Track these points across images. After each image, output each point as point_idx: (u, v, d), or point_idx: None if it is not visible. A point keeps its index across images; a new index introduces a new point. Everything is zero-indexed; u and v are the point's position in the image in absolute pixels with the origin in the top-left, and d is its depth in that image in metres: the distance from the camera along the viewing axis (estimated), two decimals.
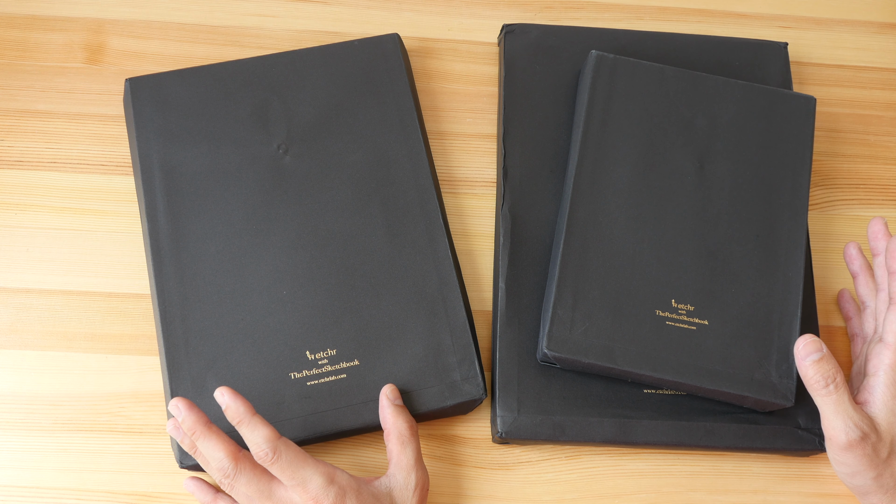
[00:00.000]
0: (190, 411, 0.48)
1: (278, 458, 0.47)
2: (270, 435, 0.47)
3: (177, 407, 0.48)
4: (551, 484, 0.56)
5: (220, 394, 0.48)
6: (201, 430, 0.48)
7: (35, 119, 0.63)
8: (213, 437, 0.48)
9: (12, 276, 0.59)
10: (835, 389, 0.49)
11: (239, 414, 0.47)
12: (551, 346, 0.53)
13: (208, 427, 0.48)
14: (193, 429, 0.48)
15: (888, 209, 0.65)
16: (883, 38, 0.71)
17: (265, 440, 0.47)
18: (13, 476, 0.54)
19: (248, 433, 0.47)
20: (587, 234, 0.56)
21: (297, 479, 0.47)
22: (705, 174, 0.59)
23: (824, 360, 0.50)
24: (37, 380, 0.56)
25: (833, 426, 0.49)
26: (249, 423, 0.47)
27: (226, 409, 0.48)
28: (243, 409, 0.47)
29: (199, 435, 0.48)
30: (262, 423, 0.47)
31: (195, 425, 0.48)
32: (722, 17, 0.70)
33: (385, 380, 0.54)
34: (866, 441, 0.49)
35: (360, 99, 0.61)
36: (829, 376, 0.49)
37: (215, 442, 0.48)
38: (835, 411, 0.49)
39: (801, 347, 0.51)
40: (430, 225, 0.58)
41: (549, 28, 0.65)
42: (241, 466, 0.48)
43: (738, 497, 0.57)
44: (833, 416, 0.49)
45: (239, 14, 0.67)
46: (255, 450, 0.47)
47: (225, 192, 0.58)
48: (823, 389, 0.50)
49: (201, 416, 0.48)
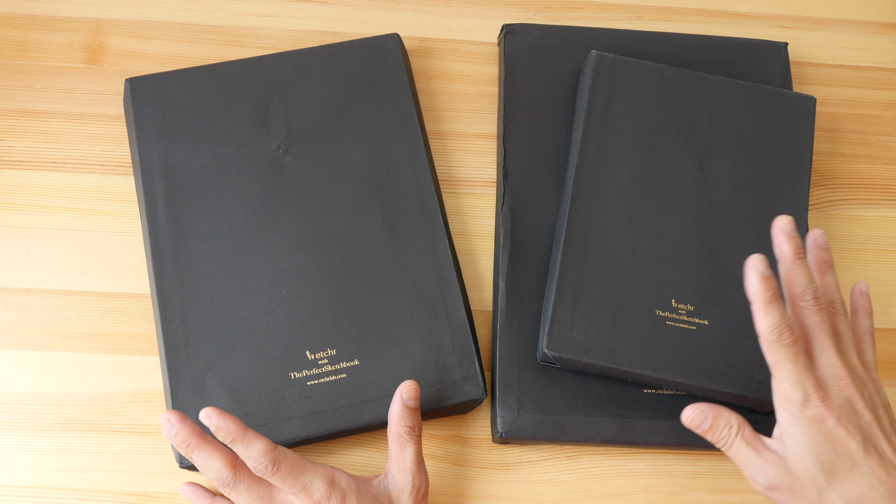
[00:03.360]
0: (182, 424, 0.48)
1: (278, 469, 0.47)
2: (266, 447, 0.47)
3: (169, 421, 0.48)
4: (551, 484, 0.56)
5: (206, 416, 0.47)
6: (196, 443, 0.48)
7: (35, 119, 0.63)
8: (209, 448, 0.48)
9: (12, 276, 0.59)
10: (731, 445, 0.48)
11: (231, 433, 0.47)
12: (551, 346, 0.53)
13: (203, 438, 0.48)
14: (188, 441, 0.47)
15: (888, 209, 0.65)
16: (883, 38, 0.71)
17: (262, 454, 0.47)
18: (13, 476, 0.54)
19: (243, 450, 0.47)
20: (587, 234, 0.56)
21: (299, 487, 0.47)
22: (705, 174, 0.59)
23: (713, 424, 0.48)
24: (37, 380, 0.56)
25: (747, 476, 0.48)
26: (243, 440, 0.47)
27: (216, 430, 0.47)
28: (234, 427, 0.47)
29: (195, 447, 0.48)
30: (256, 437, 0.47)
31: (189, 438, 0.48)
32: (722, 17, 0.70)
33: (385, 380, 0.54)
34: (780, 488, 0.46)
35: (360, 99, 0.61)
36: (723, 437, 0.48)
37: (211, 453, 0.48)
38: (743, 464, 0.48)
39: (689, 422, 0.49)
40: (430, 225, 0.58)
41: (549, 28, 0.65)
42: (239, 475, 0.48)
43: (738, 497, 0.57)
44: (742, 466, 0.48)
45: (239, 14, 0.67)
46: (252, 464, 0.47)
47: (225, 191, 0.58)
48: (726, 450, 0.48)
49: (194, 428, 0.48)
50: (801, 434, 0.46)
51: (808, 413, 0.46)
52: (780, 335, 0.46)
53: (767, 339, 0.47)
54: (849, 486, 0.45)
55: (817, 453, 0.45)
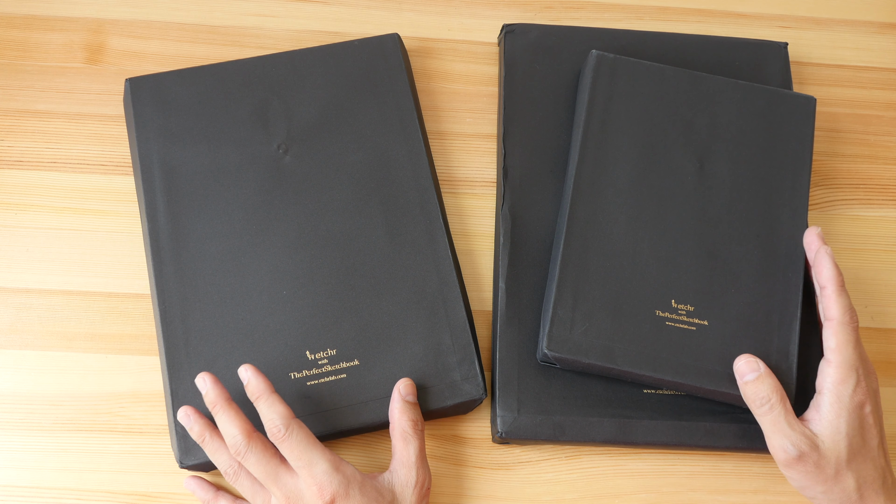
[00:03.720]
0: (215, 385, 0.50)
1: (290, 435, 0.48)
2: (286, 413, 0.49)
3: (203, 380, 0.51)
4: (551, 484, 0.56)
5: (244, 370, 0.50)
6: (222, 404, 0.50)
7: (35, 119, 0.63)
8: (232, 412, 0.49)
9: (12, 276, 0.59)
10: (770, 410, 0.50)
11: (259, 390, 0.49)
12: (551, 346, 0.53)
13: (229, 403, 0.50)
14: (216, 402, 0.50)
15: (888, 209, 0.65)
16: (883, 38, 0.71)
17: (280, 416, 0.48)
18: (13, 476, 0.54)
19: (265, 408, 0.49)
20: (587, 234, 0.56)
21: (304, 461, 0.48)
22: (705, 174, 0.59)
23: (759, 380, 0.50)
24: (37, 380, 0.56)
25: (772, 444, 0.50)
26: (268, 399, 0.49)
27: (247, 384, 0.50)
28: (264, 386, 0.49)
29: (220, 408, 0.50)
30: (279, 402, 0.49)
31: (217, 398, 0.50)
32: (722, 17, 0.70)
33: (385, 380, 0.54)
34: (805, 459, 0.49)
35: (360, 99, 0.61)
36: (763, 396, 0.50)
37: (233, 417, 0.49)
38: (772, 430, 0.50)
39: (739, 366, 0.52)
40: (430, 225, 0.58)
41: (549, 28, 0.65)
42: (252, 445, 0.49)
43: (738, 497, 0.57)
44: (770, 434, 0.50)
45: (239, 14, 0.67)
46: (268, 425, 0.48)
47: (225, 191, 0.58)
48: (759, 409, 0.50)
49: (224, 391, 0.50)
50: (844, 417, 0.49)
51: (856, 398, 0.49)
52: (851, 317, 0.51)
53: (839, 321, 0.51)
54: (862, 468, 0.49)
55: (851, 436, 0.49)
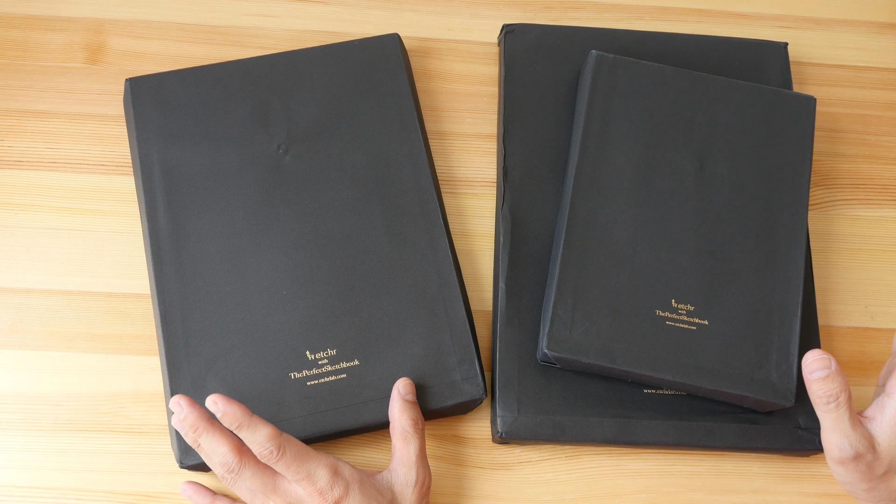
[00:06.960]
0: (192, 408, 0.48)
1: (283, 454, 0.47)
2: (272, 433, 0.47)
3: (178, 404, 0.48)
4: (551, 484, 0.56)
5: (212, 402, 0.47)
6: (204, 427, 0.48)
7: (35, 119, 0.63)
8: (216, 432, 0.48)
9: (12, 276, 0.59)
10: (835, 408, 0.49)
11: (237, 418, 0.47)
12: (551, 346, 0.53)
13: (210, 423, 0.48)
14: (196, 425, 0.48)
15: (888, 209, 0.65)
16: (883, 38, 0.71)
17: (268, 439, 0.47)
18: (13, 476, 0.54)
19: (249, 436, 0.47)
20: (587, 234, 0.56)
21: (303, 474, 0.48)
22: (705, 174, 0.59)
23: (830, 378, 0.49)
24: (37, 380, 0.56)
25: (829, 440, 0.49)
26: (249, 425, 0.47)
27: (222, 416, 0.47)
28: (240, 413, 0.47)
29: (202, 431, 0.48)
30: (261, 423, 0.48)
31: (197, 421, 0.48)
32: (722, 17, 0.70)
33: (385, 380, 0.54)
34: (860, 460, 0.48)
35: (360, 99, 0.61)
36: (832, 395, 0.49)
37: (218, 438, 0.48)
38: (833, 427, 0.49)
39: (809, 362, 0.50)
40: (430, 225, 0.58)
41: (549, 28, 0.65)
42: (245, 461, 0.48)
43: (738, 497, 0.57)
44: (830, 431, 0.49)
45: (239, 14, 0.67)
46: (258, 450, 0.47)
47: (225, 191, 0.58)
48: (824, 406, 0.49)
49: (203, 412, 0.48)
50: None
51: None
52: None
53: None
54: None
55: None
